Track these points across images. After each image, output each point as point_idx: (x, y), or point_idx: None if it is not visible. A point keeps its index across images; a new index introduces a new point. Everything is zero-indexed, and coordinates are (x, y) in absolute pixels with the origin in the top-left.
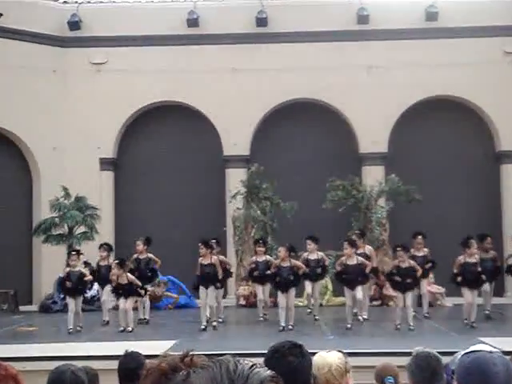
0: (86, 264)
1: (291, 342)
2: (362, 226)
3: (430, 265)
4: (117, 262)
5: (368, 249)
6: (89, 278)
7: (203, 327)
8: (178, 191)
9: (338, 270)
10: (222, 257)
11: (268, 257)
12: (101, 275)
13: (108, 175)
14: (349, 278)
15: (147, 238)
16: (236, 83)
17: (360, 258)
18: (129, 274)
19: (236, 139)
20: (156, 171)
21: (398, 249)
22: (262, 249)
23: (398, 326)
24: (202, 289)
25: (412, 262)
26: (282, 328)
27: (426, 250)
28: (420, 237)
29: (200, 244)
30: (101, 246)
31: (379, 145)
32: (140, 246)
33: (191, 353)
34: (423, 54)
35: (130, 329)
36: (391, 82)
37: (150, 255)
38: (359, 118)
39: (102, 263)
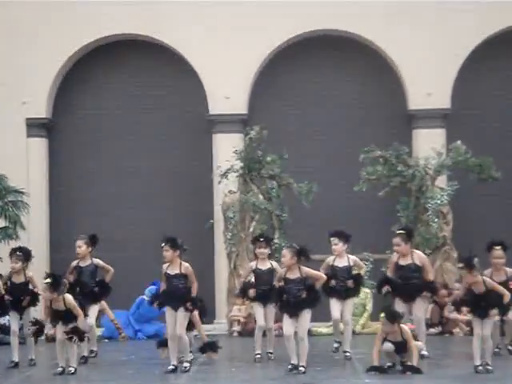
0: None
1: None
2: (412, 217)
3: None
4: (48, 281)
5: (418, 256)
6: (8, 297)
7: (172, 368)
8: (142, 167)
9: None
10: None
11: (274, 263)
12: (13, 296)
13: (39, 144)
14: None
15: (92, 236)
16: (228, 10)
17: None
18: (67, 297)
19: (228, 91)
20: (110, 138)
21: (460, 266)
22: (265, 250)
23: (480, 368)
24: (168, 311)
25: (490, 284)
26: (292, 367)
27: (509, 270)
28: (499, 248)
29: (164, 244)
30: (12, 252)
31: (438, 98)
32: (82, 247)
33: None
34: None
35: (71, 369)
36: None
37: (97, 261)
38: (409, 58)
39: (15, 279)
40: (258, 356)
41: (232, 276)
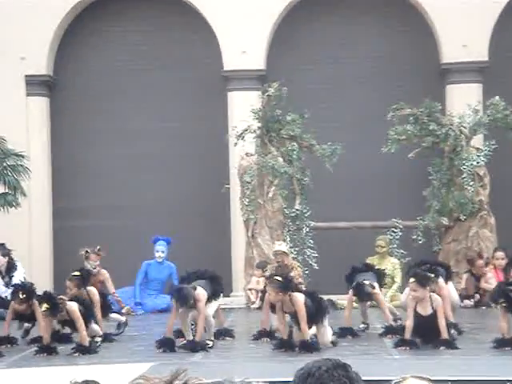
0: None
1: (331, 361)
2: (445, 180)
3: None
4: (46, 308)
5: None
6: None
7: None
8: (151, 128)
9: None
10: None
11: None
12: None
13: (39, 103)
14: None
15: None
16: None
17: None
18: (71, 308)
19: (244, 44)
20: (117, 97)
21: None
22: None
23: None
24: None
25: None
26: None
27: None
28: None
29: None
30: (14, 292)
31: (474, 50)
32: (72, 290)
33: (183, 374)
34: None
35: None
36: None
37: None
38: (442, 5)
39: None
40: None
41: (249, 245)
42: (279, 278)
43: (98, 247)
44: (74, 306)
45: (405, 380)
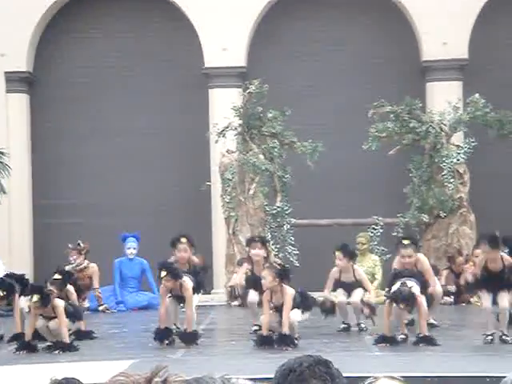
0: None
1: (313, 358)
2: (425, 177)
3: None
4: (36, 300)
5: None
6: None
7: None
8: (132, 125)
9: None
10: None
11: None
12: None
13: (19, 100)
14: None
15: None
16: None
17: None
18: (58, 305)
19: (225, 41)
20: (97, 94)
21: (479, 252)
22: (260, 251)
23: (489, 338)
24: None
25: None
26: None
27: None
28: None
29: None
30: None
31: (454, 48)
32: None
33: (164, 371)
34: None
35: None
36: None
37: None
38: (422, 4)
39: None
40: (256, 328)
41: (231, 243)
42: (277, 265)
43: (78, 242)
44: (60, 302)
45: (377, 380)
